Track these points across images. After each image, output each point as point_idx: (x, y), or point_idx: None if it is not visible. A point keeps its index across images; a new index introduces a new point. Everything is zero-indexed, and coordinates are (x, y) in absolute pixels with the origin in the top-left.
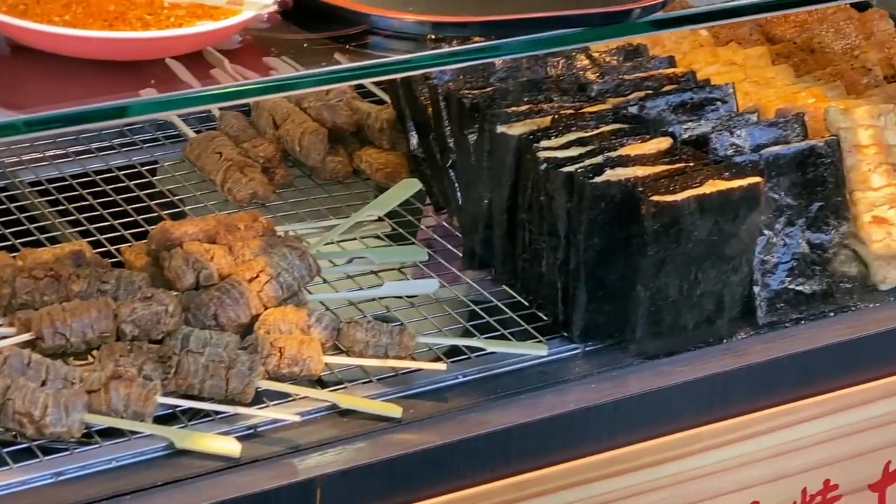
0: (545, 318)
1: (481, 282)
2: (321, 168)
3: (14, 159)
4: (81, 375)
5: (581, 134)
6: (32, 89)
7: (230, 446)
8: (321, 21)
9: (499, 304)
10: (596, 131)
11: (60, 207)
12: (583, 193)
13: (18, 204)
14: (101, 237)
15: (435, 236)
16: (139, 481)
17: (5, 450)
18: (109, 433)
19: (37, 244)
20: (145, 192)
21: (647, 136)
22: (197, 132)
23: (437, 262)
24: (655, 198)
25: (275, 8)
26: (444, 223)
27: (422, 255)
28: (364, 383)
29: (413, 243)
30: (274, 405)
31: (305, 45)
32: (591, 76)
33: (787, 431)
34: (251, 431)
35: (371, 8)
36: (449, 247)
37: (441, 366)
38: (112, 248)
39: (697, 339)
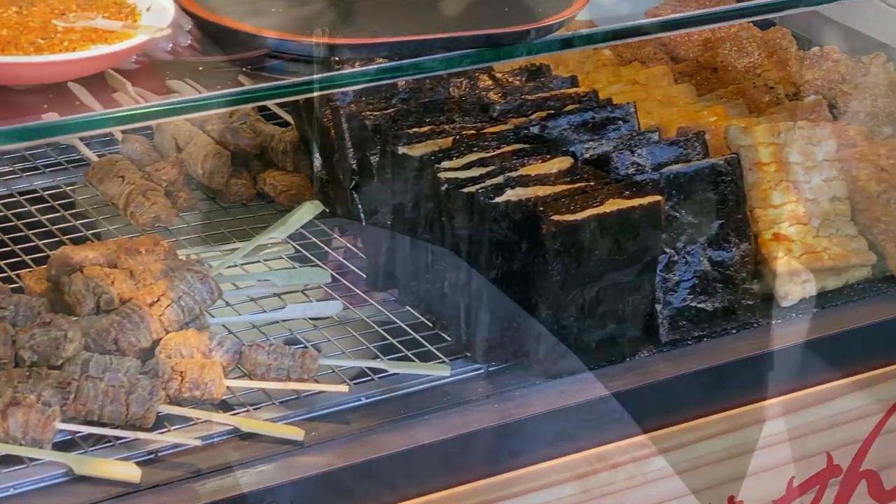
0: (448, 338)
1: (385, 303)
2: (224, 191)
3: None
4: None
5: (482, 154)
6: None
7: (130, 472)
8: (222, 44)
9: (402, 325)
10: (497, 151)
11: None
12: (483, 214)
13: None
14: (1, 262)
15: (339, 258)
16: None
17: None
18: (7, 460)
19: None
20: (47, 216)
21: (548, 156)
22: (100, 156)
23: (342, 283)
24: (556, 217)
25: (169, 32)
26: (348, 245)
27: (325, 277)
28: (266, 406)
29: (316, 265)
30: (175, 430)
31: (201, 67)
32: (493, 96)
33: (690, 448)
34: (152, 456)
35: (269, 31)
36: (353, 268)
37: (343, 388)
38: (12, 274)
39: (600, 358)
